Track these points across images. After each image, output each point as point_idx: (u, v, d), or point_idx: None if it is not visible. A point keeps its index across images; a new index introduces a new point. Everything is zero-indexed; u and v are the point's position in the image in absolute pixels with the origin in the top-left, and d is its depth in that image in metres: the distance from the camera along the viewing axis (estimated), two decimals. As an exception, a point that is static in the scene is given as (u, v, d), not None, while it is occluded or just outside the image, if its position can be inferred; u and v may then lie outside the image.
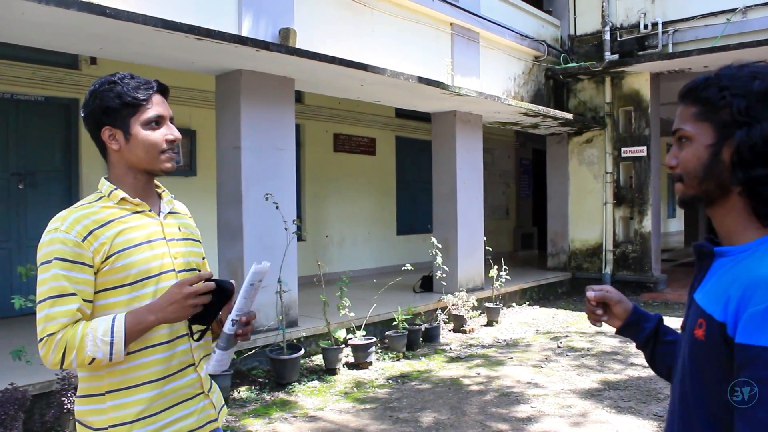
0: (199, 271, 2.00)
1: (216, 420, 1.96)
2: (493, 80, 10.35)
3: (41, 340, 1.69)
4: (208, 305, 1.77)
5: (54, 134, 7.78)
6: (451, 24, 9.32)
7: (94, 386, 1.78)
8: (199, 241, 2.06)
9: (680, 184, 1.35)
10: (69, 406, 4.46)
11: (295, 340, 6.37)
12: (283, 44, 6.41)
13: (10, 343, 5.46)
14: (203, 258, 2.07)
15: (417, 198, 12.91)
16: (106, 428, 1.75)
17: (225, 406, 2.06)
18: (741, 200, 1.27)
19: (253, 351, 6.06)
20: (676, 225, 26.13)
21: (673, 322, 1.77)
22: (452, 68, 9.16)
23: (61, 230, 1.73)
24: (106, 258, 1.75)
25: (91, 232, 1.75)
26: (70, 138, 7.86)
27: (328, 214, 11.12)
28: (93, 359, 1.68)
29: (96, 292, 1.77)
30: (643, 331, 1.62)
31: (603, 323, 1.66)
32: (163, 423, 1.80)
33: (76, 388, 4.53)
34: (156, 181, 2.00)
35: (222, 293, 1.78)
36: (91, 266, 1.74)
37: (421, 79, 7.48)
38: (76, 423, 1.84)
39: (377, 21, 8.09)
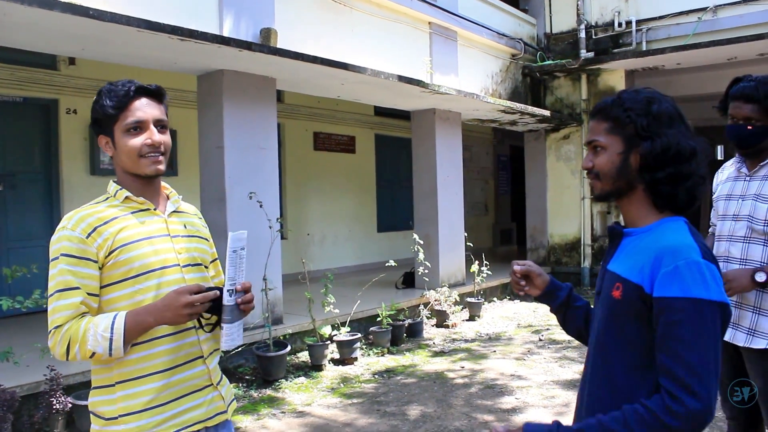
0: (206, 267, 2.06)
1: (225, 412, 2.02)
2: (472, 78, 10.46)
3: (50, 331, 1.79)
4: (213, 306, 1.83)
5: (33, 135, 7.73)
6: (429, 23, 9.40)
7: (104, 377, 1.86)
8: (207, 239, 2.12)
9: (597, 182, 1.72)
10: (57, 407, 4.48)
11: (281, 337, 6.43)
12: (265, 44, 6.45)
13: (-5, 345, 5.45)
14: (215, 259, 2.14)
15: (397, 195, 12.99)
16: (116, 417, 1.83)
17: (235, 401, 2.13)
18: (643, 194, 1.66)
19: (239, 348, 6.09)
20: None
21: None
22: (431, 66, 9.26)
23: (67, 228, 1.83)
24: (110, 253, 1.83)
25: (95, 229, 1.83)
26: (50, 139, 7.82)
27: (309, 212, 11.16)
28: (93, 353, 1.76)
29: (102, 287, 1.85)
30: (557, 298, 1.97)
31: (525, 292, 1.98)
32: (172, 413, 1.87)
33: (64, 389, 4.58)
34: (164, 183, 2.07)
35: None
36: (96, 261, 1.82)
37: (401, 78, 7.56)
38: (90, 415, 1.90)
39: (357, 21, 8.15)
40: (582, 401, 1.77)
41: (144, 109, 1.92)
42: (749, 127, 2.69)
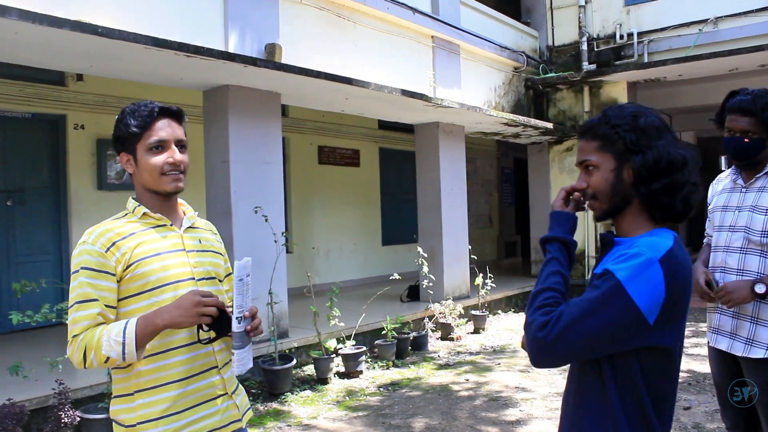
0: (220, 281, 2.14)
1: (240, 420, 2.09)
2: (475, 91, 10.54)
3: (69, 341, 1.87)
4: (215, 322, 1.90)
5: (41, 151, 7.82)
6: (432, 37, 9.49)
7: (124, 387, 1.94)
8: (221, 254, 2.20)
9: (595, 201, 1.73)
10: (66, 420, 4.51)
11: (286, 351, 6.45)
12: (270, 60, 6.53)
13: (5, 358, 5.51)
14: (229, 273, 2.21)
15: (401, 208, 13.04)
16: (135, 425, 1.91)
17: (250, 410, 2.20)
18: (639, 207, 1.68)
19: (245, 362, 6.12)
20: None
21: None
22: (434, 80, 9.33)
23: (87, 243, 1.91)
24: (127, 267, 1.91)
25: (114, 243, 1.91)
26: (58, 154, 7.90)
27: (313, 225, 11.22)
28: (108, 358, 1.83)
29: (120, 299, 1.93)
30: None
31: None
32: (187, 421, 1.94)
33: (72, 402, 4.62)
34: (180, 200, 2.16)
35: (228, 320, 1.92)
36: (114, 274, 1.90)
37: (404, 92, 7.63)
38: (112, 422, 2.00)
39: (360, 35, 8.24)
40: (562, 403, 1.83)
41: (166, 129, 2.02)
42: (746, 140, 2.74)
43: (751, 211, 2.79)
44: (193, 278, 2.02)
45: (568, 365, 1.75)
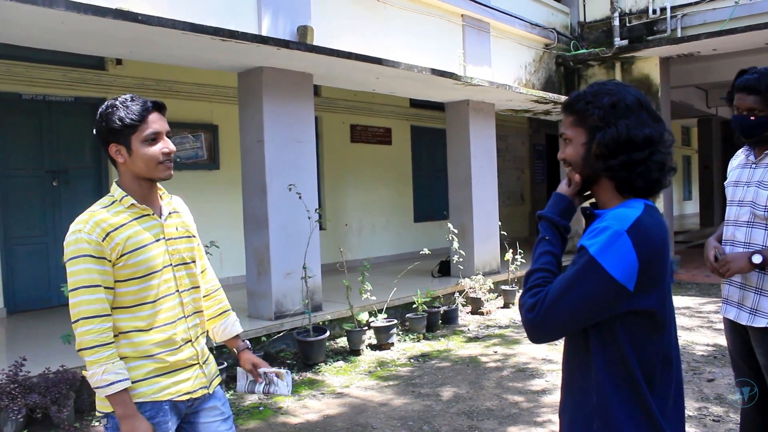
0: (194, 263, 2.38)
1: (207, 387, 2.34)
2: (505, 69, 10.57)
3: (78, 320, 2.07)
4: None
5: (84, 133, 8.12)
6: (462, 15, 9.55)
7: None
8: (194, 236, 2.42)
9: (571, 171, 1.82)
10: (114, 386, 4.81)
11: (320, 323, 6.69)
12: (302, 42, 6.70)
13: (52, 330, 5.85)
14: (198, 244, 2.44)
15: (433, 185, 13.18)
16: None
17: (219, 376, 2.45)
18: (608, 181, 1.75)
19: (281, 334, 6.39)
20: (692, 207, 26.23)
21: (685, 301, 2.14)
22: (464, 59, 9.41)
23: (84, 232, 2.10)
24: (120, 256, 2.13)
25: (108, 234, 2.12)
26: (100, 136, 8.20)
27: (346, 203, 11.44)
28: (89, 371, 2.06)
29: (114, 282, 2.14)
30: None
31: None
32: (164, 384, 2.19)
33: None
34: (158, 183, 2.34)
35: None
36: (110, 261, 2.12)
37: (434, 71, 7.74)
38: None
39: (390, 15, 8.35)
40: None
41: (158, 122, 2.20)
42: (752, 117, 2.84)
43: (757, 187, 2.89)
44: (171, 264, 2.25)
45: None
